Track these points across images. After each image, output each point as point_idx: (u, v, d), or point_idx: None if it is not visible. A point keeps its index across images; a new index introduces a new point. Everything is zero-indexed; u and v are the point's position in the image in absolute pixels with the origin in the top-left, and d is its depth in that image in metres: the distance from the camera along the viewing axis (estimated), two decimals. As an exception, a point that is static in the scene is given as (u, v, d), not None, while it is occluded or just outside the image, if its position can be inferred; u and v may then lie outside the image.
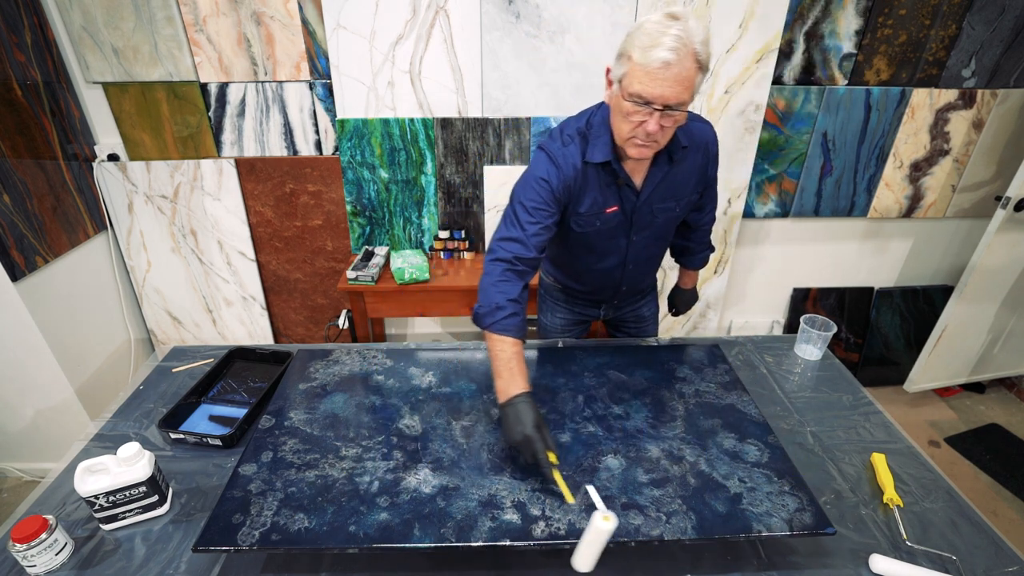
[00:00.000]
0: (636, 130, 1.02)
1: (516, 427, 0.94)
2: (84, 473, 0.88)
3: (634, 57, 0.95)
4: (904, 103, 2.08)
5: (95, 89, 1.95)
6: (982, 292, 2.21)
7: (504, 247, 1.10)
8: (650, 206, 1.21)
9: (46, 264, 1.79)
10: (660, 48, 0.92)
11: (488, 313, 1.05)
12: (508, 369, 1.01)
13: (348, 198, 2.13)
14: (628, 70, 0.97)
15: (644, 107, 0.98)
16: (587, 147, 1.13)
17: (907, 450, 1.11)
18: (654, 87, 0.95)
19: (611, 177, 1.15)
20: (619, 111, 1.03)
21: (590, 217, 1.18)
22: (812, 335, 1.38)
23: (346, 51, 1.89)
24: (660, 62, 0.92)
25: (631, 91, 0.97)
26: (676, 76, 0.94)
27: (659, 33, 0.92)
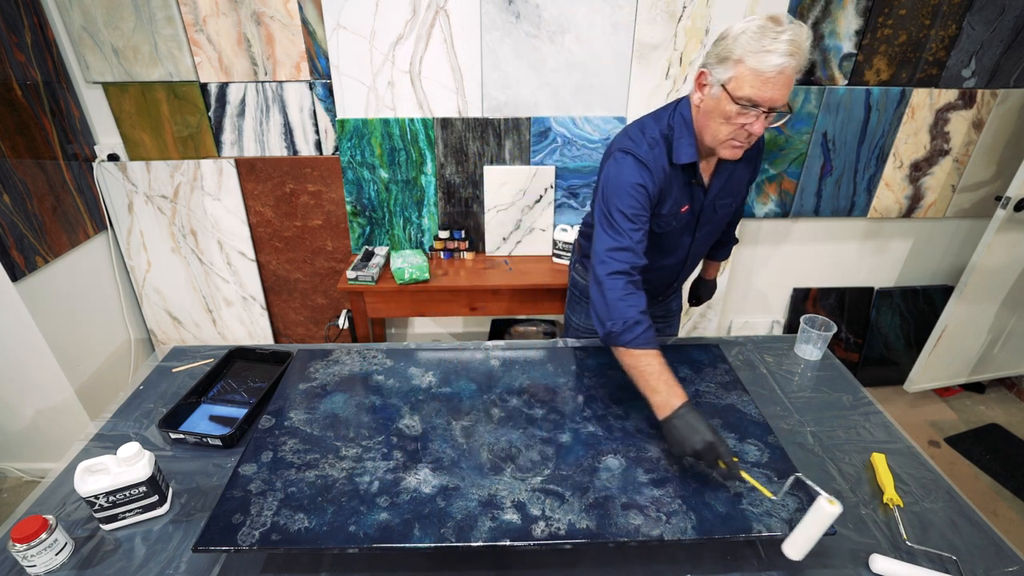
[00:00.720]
0: (738, 132, 1.03)
1: (694, 436, 0.92)
2: (84, 473, 0.88)
3: (746, 62, 0.96)
4: (904, 103, 2.08)
5: (95, 89, 1.95)
6: (982, 292, 2.21)
7: (617, 258, 1.09)
8: (714, 203, 1.25)
9: (46, 264, 1.79)
10: (775, 54, 0.94)
11: (627, 330, 1.03)
12: (664, 382, 0.99)
13: (348, 198, 2.13)
14: (736, 74, 0.98)
15: (753, 110, 0.99)
16: (671, 149, 1.13)
17: (907, 450, 1.11)
18: (766, 91, 0.97)
19: (688, 177, 1.17)
20: (719, 113, 1.03)
21: (668, 218, 1.20)
22: (812, 335, 1.38)
23: (346, 51, 1.89)
24: (775, 68, 0.95)
25: (740, 95, 0.98)
26: (787, 80, 0.97)
27: (772, 39, 0.94)
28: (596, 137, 2.05)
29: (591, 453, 1.00)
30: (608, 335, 1.06)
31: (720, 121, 1.04)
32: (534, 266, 2.13)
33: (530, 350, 1.32)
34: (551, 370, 1.24)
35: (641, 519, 0.86)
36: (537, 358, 1.29)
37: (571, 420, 1.08)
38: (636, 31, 1.89)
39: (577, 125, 2.03)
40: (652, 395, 1.00)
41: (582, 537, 0.83)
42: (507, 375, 1.22)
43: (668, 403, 0.97)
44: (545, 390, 1.17)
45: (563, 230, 2.11)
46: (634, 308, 1.05)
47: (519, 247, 2.23)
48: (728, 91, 1.00)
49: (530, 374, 1.22)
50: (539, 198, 2.13)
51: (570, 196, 2.15)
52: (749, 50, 0.96)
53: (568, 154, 2.08)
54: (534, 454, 0.99)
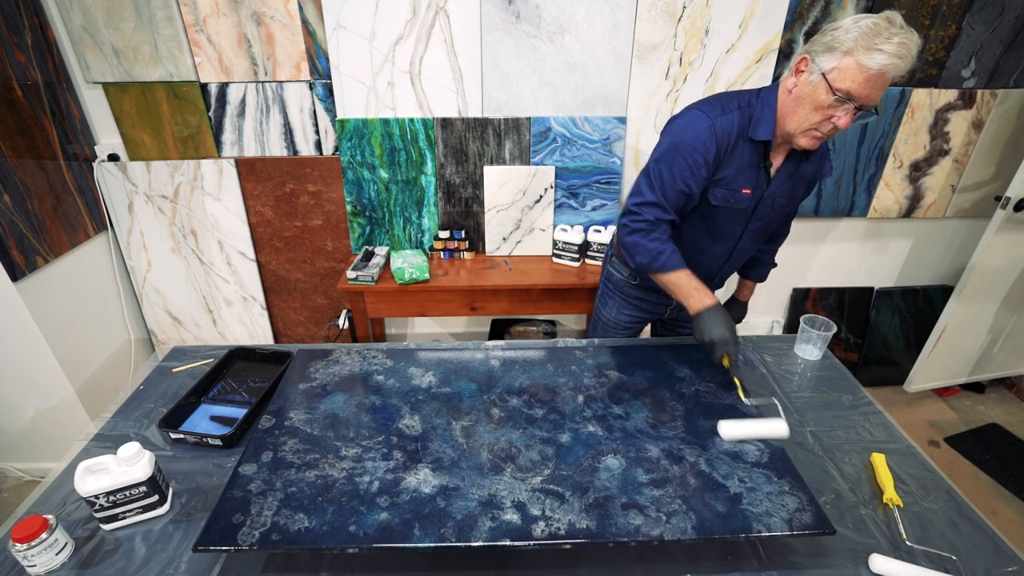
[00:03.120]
0: (823, 123, 1.05)
1: (712, 329, 1.12)
2: (84, 473, 0.88)
3: (855, 55, 0.97)
4: (904, 103, 2.08)
5: (95, 89, 1.95)
6: (982, 292, 2.21)
7: (643, 211, 1.21)
8: (773, 198, 1.25)
9: (46, 264, 1.79)
10: (884, 55, 0.95)
11: (653, 259, 1.21)
12: (695, 288, 1.18)
13: (348, 198, 2.13)
14: (841, 65, 0.99)
15: (846, 103, 1.01)
16: (749, 122, 1.15)
17: (907, 450, 1.11)
18: (866, 88, 0.99)
19: (758, 159, 1.18)
20: (811, 101, 1.05)
21: (726, 191, 1.21)
22: (812, 335, 1.38)
23: (346, 51, 1.89)
24: (880, 66, 0.96)
25: (840, 86, 1.00)
26: (886, 81, 0.99)
27: (884, 37, 0.95)
28: (596, 137, 2.05)
29: (591, 453, 1.00)
30: (642, 267, 1.24)
31: (811, 108, 1.06)
32: (534, 266, 2.13)
33: (530, 350, 1.32)
34: (551, 370, 1.24)
35: (641, 519, 0.86)
36: (537, 358, 1.29)
37: (571, 420, 1.08)
38: (636, 31, 1.89)
39: (577, 125, 2.03)
40: (687, 300, 1.19)
41: (582, 537, 0.83)
42: (507, 375, 1.22)
43: (701, 301, 1.16)
44: (545, 390, 1.17)
45: (563, 230, 2.11)
46: (657, 241, 1.20)
47: (519, 247, 2.23)
48: (828, 80, 1.01)
49: (530, 374, 1.22)
50: (539, 198, 2.14)
51: (570, 196, 2.15)
52: (860, 44, 0.97)
53: (568, 154, 2.08)
54: (534, 454, 0.99)
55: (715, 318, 1.13)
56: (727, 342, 1.10)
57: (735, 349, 1.11)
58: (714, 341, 1.11)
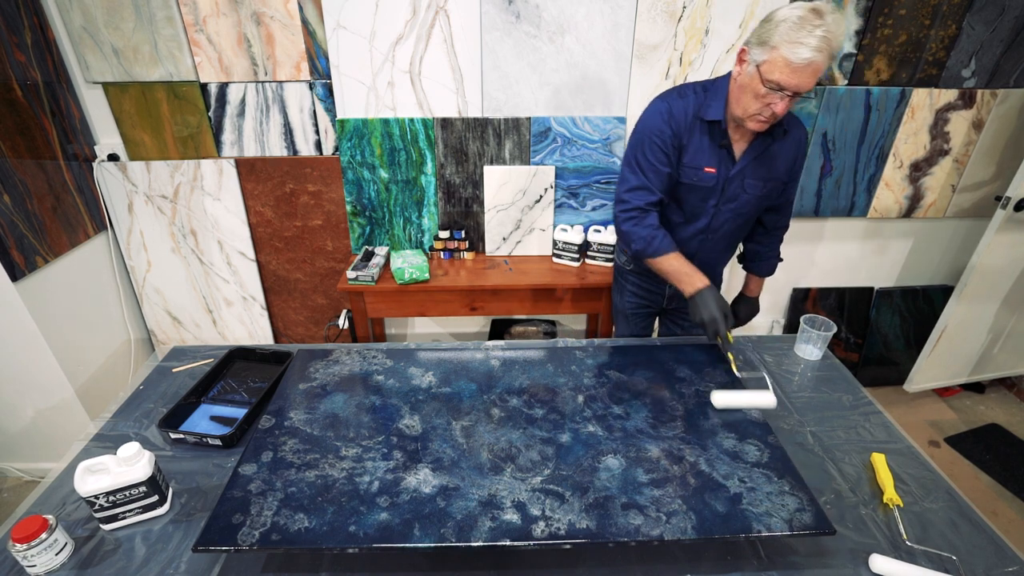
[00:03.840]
0: (763, 109, 1.14)
1: (704, 310, 1.21)
2: (84, 473, 0.88)
3: (780, 50, 1.06)
4: (904, 103, 2.08)
5: (95, 89, 1.95)
6: (982, 292, 2.21)
7: (633, 196, 1.32)
8: (742, 178, 1.31)
9: (46, 264, 1.79)
10: (806, 48, 1.03)
11: (646, 245, 1.31)
12: (685, 272, 1.28)
13: (348, 198, 2.13)
14: (770, 59, 1.08)
15: (777, 92, 1.10)
16: (703, 104, 1.26)
17: (907, 450, 1.11)
18: (793, 78, 1.07)
19: (716, 138, 1.27)
20: (750, 90, 1.14)
21: (691, 170, 1.30)
22: (812, 335, 1.38)
23: (346, 51, 1.89)
24: (805, 60, 1.04)
25: (771, 78, 1.09)
26: (814, 71, 1.06)
27: (807, 31, 1.03)
28: (596, 137, 2.05)
29: (591, 453, 1.00)
30: (636, 253, 1.34)
31: (750, 96, 1.15)
32: (534, 266, 2.13)
33: (530, 350, 1.32)
34: (551, 370, 1.24)
35: (641, 519, 0.86)
36: (537, 358, 1.29)
37: (571, 420, 1.08)
38: (636, 31, 1.89)
39: (577, 125, 2.03)
40: (679, 283, 1.29)
41: (582, 537, 0.83)
42: (507, 375, 1.22)
43: (692, 284, 1.26)
44: (545, 390, 1.17)
45: (563, 230, 2.11)
46: (648, 228, 1.30)
47: (519, 247, 2.23)
48: (760, 72, 1.10)
49: (530, 374, 1.22)
50: (539, 198, 2.14)
51: (570, 196, 2.15)
52: (784, 39, 1.05)
53: (568, 154, 2.08)
54: (534, 454, 0.99)
55: (707, 299, 1.22)
56: (715, 322, 1.20)
57: (724, 328, 1.20)
58: (704, 321, 1.21)
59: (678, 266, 1.28)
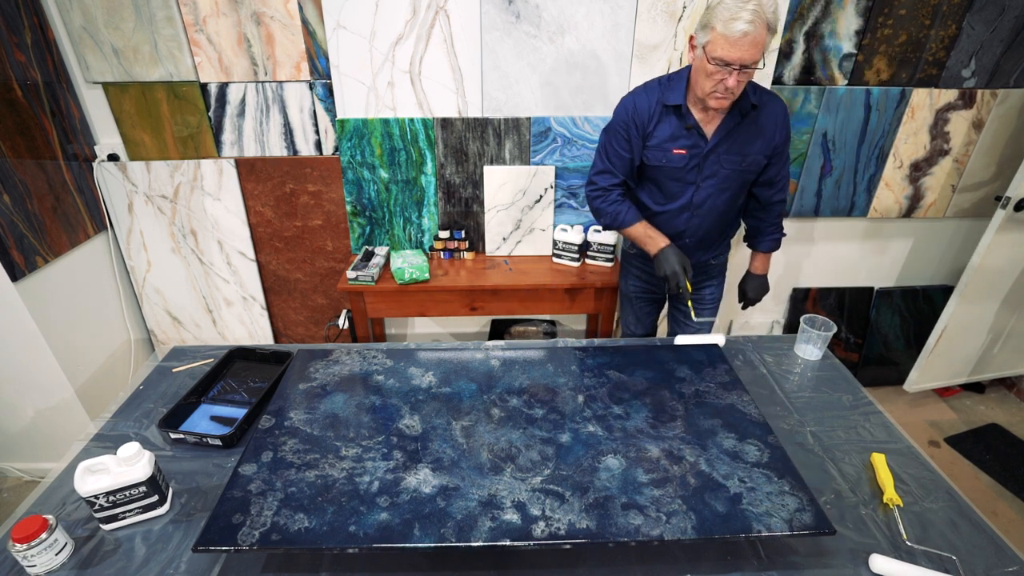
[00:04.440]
0: (717, 86, 1.24)
1: (666, 266, 1.41)
2: (84, 473, 0.88)
3: (717, 28, 1.17)
4: (904, 103, 2.08)
5: (95, 89, 1.95)
6: (982, 292, 2.21)
7: (598, 179, 1.52)
8: (718, 156, 1.41)
9: (46, 264, 1.79)
10: (740, 21, 1.14)
11: (614, 218, 1.51)
12: (649, 236, 1.47)
13: (348, 198, 2.13)
14: (711, 39, 1.19)
15: (725, 68, 1.20)
16: (665, 92, 1.39)
17: (907, 450, 1.12)
18: (734, 52, 1.17)
19: (682, 121, 1.38)
20: (702, 71, 1.26)
21: (657, 152, 1.43)
22: (812, 335, 1.38)
23: (346, 51, 1.89)
24: (740, 32, 1.14)
25: (714, 56, 1.19)
26: (752, 41, 1.16)
27: (739, 8, 1.14)
28: (596, 137, 2.05)
29: (591, 453, 1.00)
30: (607, 226, 1.55)
31: (703, 77, 1.26)
32: (534, 266, 2.13)
33: (530, 350, 1.32)
34: (551, 370, 1.24)
35: (641, 519, 0.86)
36: (537, 358, 1.29)
37: (571, 420, 1.08)
38: (636, 31, 1.89)
39: (577, 125, 2.03)
40: (644, 244, 1.49)
41: (582, 537, 0.83)
42: (507, 375, 1.22)
43: (656, 244, 1.45)
44: (545, 390, 1.17)
45: (563, 230, 2.11)
46: (614, 204, 1.50)
47: (519, 247, 2.23)
48: (706, 52, 1.21)
49: (530, 374, 1.22)
50: (539, 198, 2.13)
51: (570, 196, 2.15)
52: (720, 19, 1.16)
53: (568, 154, 2.08)
54: (534, 454, 0.99)
55: (668, 256, 1.41)
56: (677, 274, 1.38)
57: (683, 279, 1.38)
58: (667, 275, 1.40)
59: (643, 231, 1.48)
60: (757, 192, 1.55)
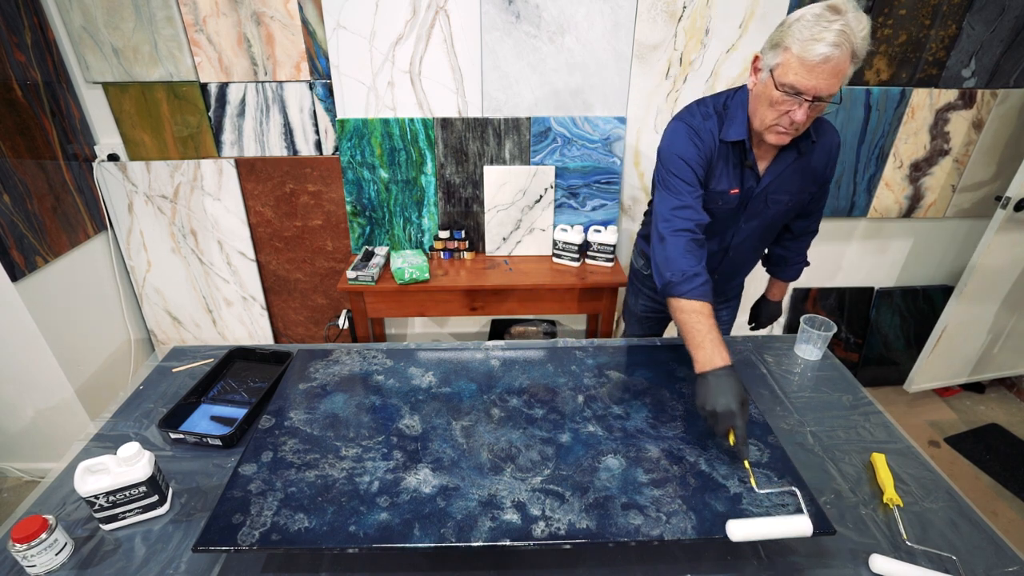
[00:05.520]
0: (781, 118, 1.05)
1: (720, 397, 0.94)
2: (84, 473, 0.88)
3: (793, 49, 0.97)
4: (904, 103, 2.08)
5: (95, 89, 1.95)
6: (982, 292, 2.21)
7: (681, 215, 1.15)
8: (766, 195, 1.24)
9: (46, 264, 1.79)
10: (822, 43, 0.94)
11: (684, 280, 1.09)
12: (710, 341, 1.02)
13: (348, 198, 2.13)
14: (783, 60, 1.00)
15: (795, 97, 1.01)
16: (722, 125, 1.17)
17: (907, 450, 1.11)
18: (809, 79, 0.97)
19: (739, 158, 1.19)
20: (766, 98, 1.06)
21: (716, 196, 1.22)
22: (812, 335, 1.38)
23: (346, 51, 1.89)
24: (820, 56, 0.95)
25: (784, 81, 1.00)
26: (833, 69, 0.96)
27: (822, 28, 0.94)
28: (596, 137, 2.05)
29: (591, 453, 1.00)
30: (666, 285, 1.12)
31: (767, 105, 1.06)
32: (534, 266, 2.13)
33: (530, 350, 1.32)
34: (551, 370, 1.24)
35: (641, 519, 0.86)
36: (537, 358, 1.29)
37: (571, 420, 1.08)
38: (636, 31, 1.89)
39: (577, 125, 2.03)
40: (696, 350, 1.03)
41: (582, 537, 0.83)
42: (507, 375, 1.22)
43: (711, 360, 0.99)
44: (545, 390, 1.17)
45: (563, 230, 2.11)
46: (695, 262, 1.11)
47: (519, 247, 2.23)
48: (774, 77, 1.02)
49: (530, 374, 1.22)
50: (539, 198, 2.13)
51: (570, 196, 2.15)
52: (798, 38, 0.97)
53: (568, 154, 2.08)
54: (534, 454, 0.99)
55: (724, 384, 0.95)
56: (732, 416, 0.92)
57: (742, 424, 0.92)
58: (717, 412, 0.93)
59: (705, 328, 1.03)
60: (793, 224, 1.42)
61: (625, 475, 0.95)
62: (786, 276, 1.56)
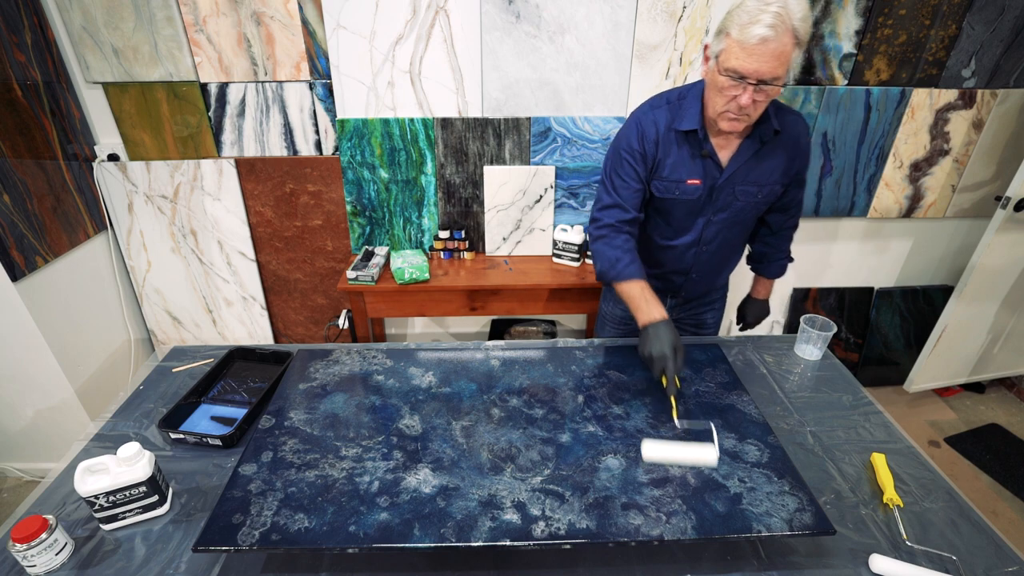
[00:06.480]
0: (730, 103, 1.07)
1: (655, 344, 1.10)
2: (84, 473, 0.88)
3: (732, 34, 1.00)
4: (904, 103, 2.08)
5: (95, 89, 1.95)
6: (982, 292, 2.21)
7: (604, 215, 1.27)
8: (732, 186, 1.24)
9: (46, 264, 1.79)
10: (759, 25, 0.97)
11: (610, 267, 1.24)
12: (644, 300, 1.18)
13: (348, 198, 2.13)
14: (726, 46, 1.02)
15: (739, 81, 1.03)
16: (676, 115, 1.20)
17: (907, 450, 1.11)
18: (750, 62, 1.00)
19: (696, 148, 1.21)
20: (714, 85, 1.09)
21: (670, 184, 1.25)
22: (812, 335, 1.38)
23: (346, 51, 1.89)
24: (758, 38, 0.97)
25: (727, 66, 1.03)
26: (772, 52, 0.98)
27: (758, 11, 0.97)
28: (596, 137, 2.05)
29: (591, 453, 1.00)
30: (601, 274, 1.27)
31: (715, 92, 1.09)
32: (534, 266, 2.13)
33: (530, 350, 1.32)
34: (551, 370, 1.24)
35: (641, 519, 0.86)
36: (537, 358, 1.29)
37: (571, 420, 1.08)
38: (636, 31, 1.89)
39: (577, 125, 2.03)
40: (637, 312, 1.19)
41: (582, 537, 0.83)
42: (507, 375, 1.22)
43: (649, 315, 1.16)
44: (545, 390, 1.17)
45: (563, 230, 2.11)
46: (617, 250, 1.24)
47: (519, 247, 2.23)
48: (719, 63, 1.05)
49: (530, 374, 1.22)
50: (539, 198, 2.13)
51: (570, 196, 2.15)
52: (737, 22, 0.99)
53: (568, 154, 2.08)
54: (534, 454, 0.99)
55: (659, 333, 1.11)
56: (665, 359, 1.08)
57: (673, 368, 1.07)
58: (653, 356, 1.09)
59: (638, 293, 1.19)
60: (769, 219, 1.43)
61: (625, 475, 0.95)
62: (769, 273, 1.55)
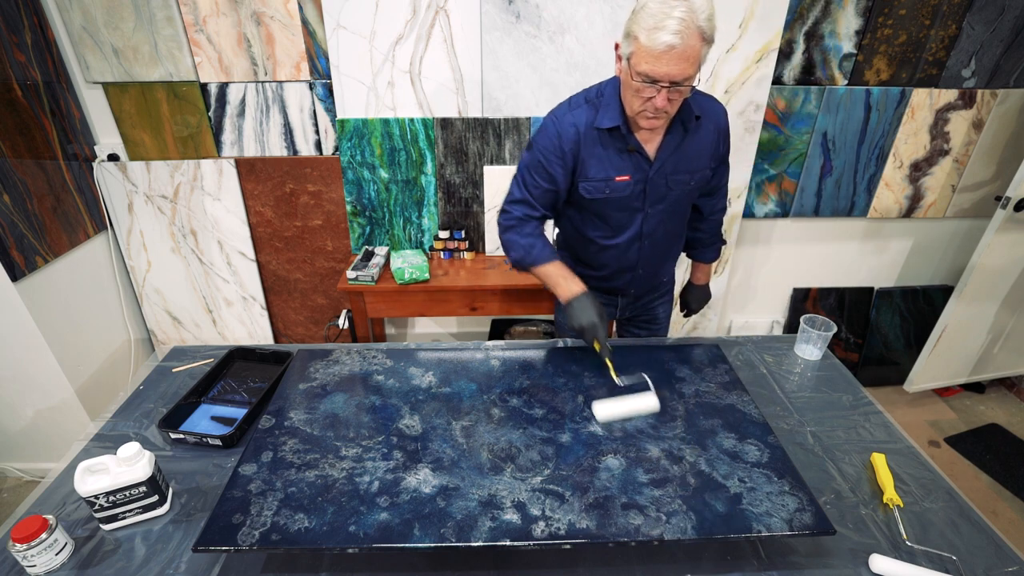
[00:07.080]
0: (646, 104, 1.06)
1: (582, 315, 1.15)
2: (84, 473, 0.88)
3: (640, 38, 0.98)
4: (904, 103, 2.08)
5: (95, 89, 1.95)
6: (982, 292, 2.21)
7: (513, 209, 1.28)
8: (664, 177, 1.23)
9: (46, 264, 1.79)
10: (665, 32, 0.94)
11: (526, 254, 1.26)
12: (562, 276, 1.22)
13: (348, 198, 2.13)
14: (635, 50, 1.00)
15: (652, 85, 1.01)
16: (597, 113, 1.17)
17: (907, 450, 1.11)
18: (660, 67, 0.98)
19: (621, 144, 1.18)
20: (629, 86, 1.07)
21: (598, 183, 1.22)
22: (812, 335, 1.38)
23: (346, 51, 1.89)
24: (665, 45, 0.95)
25: (639, 70, 1.01)
26: (681, 55, 0.96)
27: (663, 15, 0.94)
28: (596, 137, 2.05)
29: (591, 453, 1.00)
30: (517, 262, 1.28)
31: (631, 94, 1.08)
32: (534, 266, 2.13)
33: (530, 350, 1.32)
34: (551, 370, 1.24)
35: (641, 519, 0.86)
36: (537, 358, 1.29)
37: (571, 420, 1.08)
38: (636, 31, 1.89)
39: (577, 125, 2.03)
40: (556, 288, 1.23)
41: (582, 537, 0.83)
42: (507, 375, 1.22)
43: (569, 289, 1.20)
44: (545, 390, 1.17)
45: (563, 230, 2.11)
46: (529, 237, 1.26)
47: (519, 247, 2.22)
48: (631, 66, 1.03)
49: (530, 374, 1.22)
50: (539, 198, 2.13)
51: (570, 196, 2.15)
52: (643, 26, 0.97)
53: (568, 154, 2.08)
54: (534, 454, 0.99)
55: (583, 305, 1.17)
56: (595, 327, 1.14)
57: (603, 333, 1.15)
58: (583, 327, 1.15)
59: (555, 271, 1.23)
60: (699, 203, 1.42)
61: (625, 475, 0.95)
62: (706, 258, 1.54)
